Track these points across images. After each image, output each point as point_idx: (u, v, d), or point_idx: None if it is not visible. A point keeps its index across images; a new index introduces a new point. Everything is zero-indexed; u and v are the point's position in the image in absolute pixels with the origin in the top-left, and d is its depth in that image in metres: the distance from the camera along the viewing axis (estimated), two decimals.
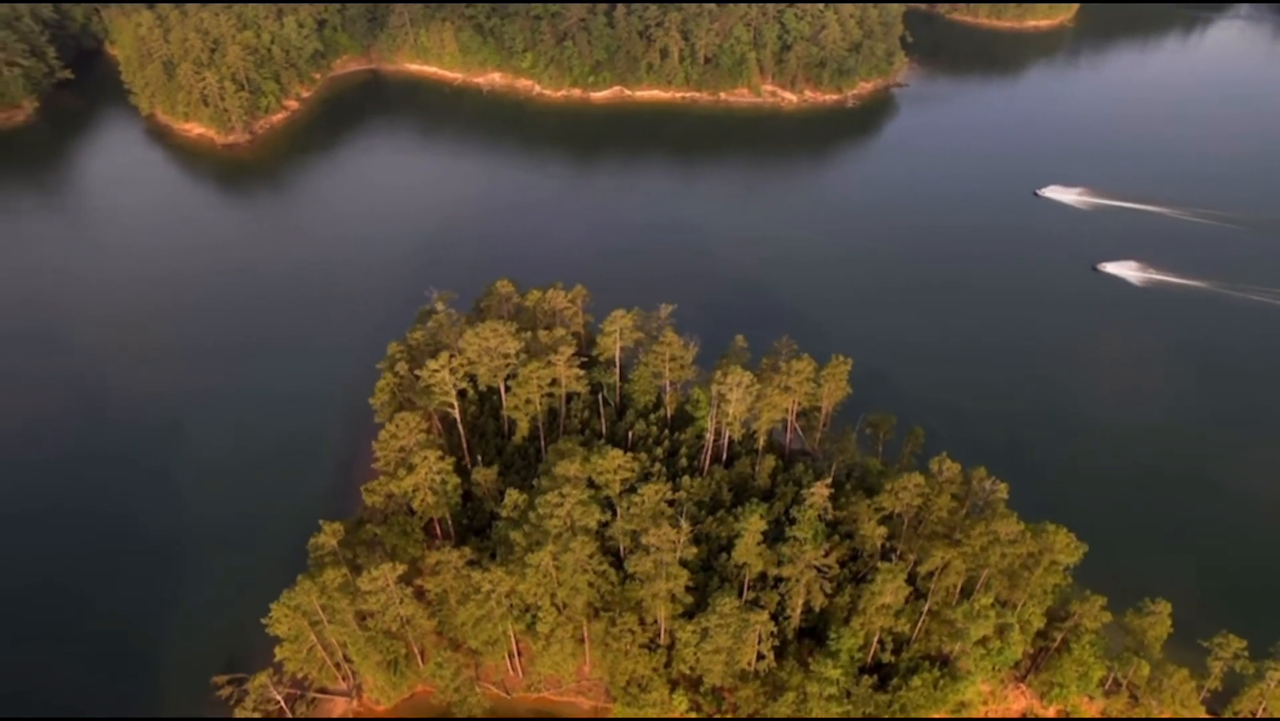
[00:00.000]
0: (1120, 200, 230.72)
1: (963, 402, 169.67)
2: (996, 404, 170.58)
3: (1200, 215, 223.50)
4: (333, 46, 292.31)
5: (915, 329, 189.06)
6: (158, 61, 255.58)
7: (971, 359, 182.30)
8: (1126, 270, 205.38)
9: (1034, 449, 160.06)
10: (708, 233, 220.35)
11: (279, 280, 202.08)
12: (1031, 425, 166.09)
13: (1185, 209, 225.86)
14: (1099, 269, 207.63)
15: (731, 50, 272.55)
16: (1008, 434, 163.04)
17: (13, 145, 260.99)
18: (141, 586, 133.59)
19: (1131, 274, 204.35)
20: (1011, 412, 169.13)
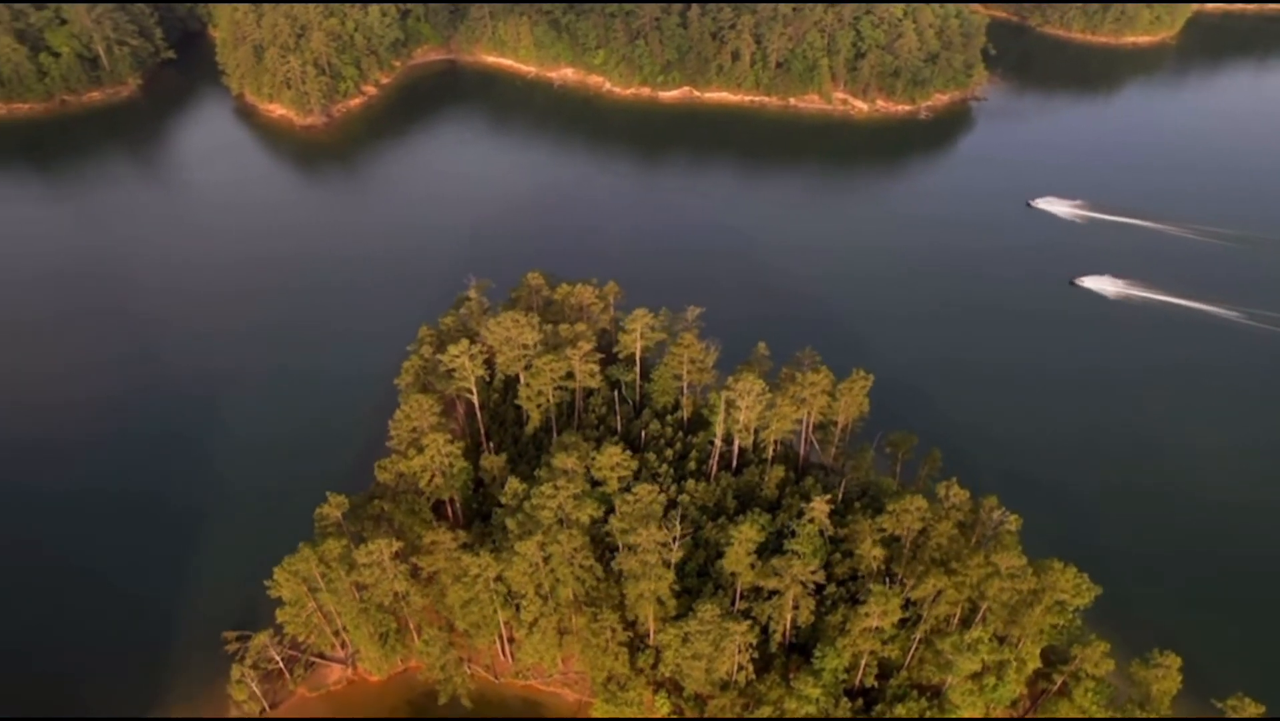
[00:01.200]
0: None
1: (1000, 427, 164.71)
2: (1036, 431, 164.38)
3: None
4: (415, 36, 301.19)
5: (960, 347, 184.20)
6: (249, 45, 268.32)
7: (1017, 383, 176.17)
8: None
9: (1072, 483, 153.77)
10: (760, 239, 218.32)
11: (336, 264, 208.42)
12: (1074, 457, 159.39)
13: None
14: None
15: (804, 56, 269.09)
16: (1045, 464, 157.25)
17: (117, 119, 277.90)
18: (171, 548, 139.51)
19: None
20: (1053, 442, 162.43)
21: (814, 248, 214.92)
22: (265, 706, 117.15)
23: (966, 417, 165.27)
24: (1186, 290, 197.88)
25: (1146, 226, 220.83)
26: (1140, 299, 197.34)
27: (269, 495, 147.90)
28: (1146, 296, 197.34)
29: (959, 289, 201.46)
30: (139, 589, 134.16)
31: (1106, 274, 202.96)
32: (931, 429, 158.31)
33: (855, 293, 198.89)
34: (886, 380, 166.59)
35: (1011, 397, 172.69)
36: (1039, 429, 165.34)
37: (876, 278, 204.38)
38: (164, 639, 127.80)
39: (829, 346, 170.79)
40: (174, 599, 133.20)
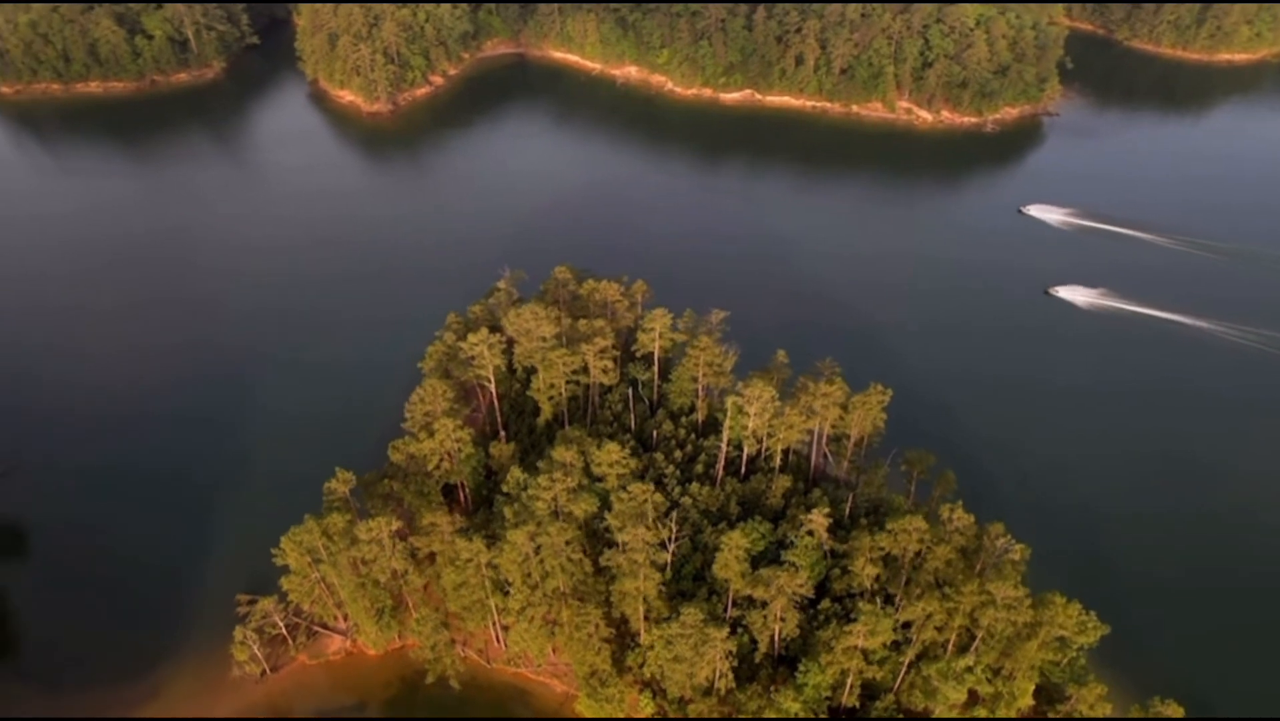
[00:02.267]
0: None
1: (1030, 450, 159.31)
2: (1067, 457, 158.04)
3: None
4: (485, 29, 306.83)
5: (999, 363, 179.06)
6: (324, 32, 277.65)
7: (1052, 404, 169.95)
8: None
9: (1099, 512, 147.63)
10: (806, 247, 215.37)
11: (386, 250, 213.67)
12: (1103, 486, 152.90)
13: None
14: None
15: (869, 63, 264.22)
16: (1073, 492, 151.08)
17: (200, 100, 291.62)
18: (197, 518, 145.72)
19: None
20: (1082, 470, 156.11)
21: (859, 258, 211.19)
22: (266, 669, 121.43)
23: (995, 437, 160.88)
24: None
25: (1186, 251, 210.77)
26: (1192, 326, 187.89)
27: (295, 471, 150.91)
28: (1196, 326, 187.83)
29: (1001, 304, 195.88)
30: (165, 554, 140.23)
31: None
32: (958, 448, 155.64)
33: (894, 305, 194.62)
34: (915, 394, 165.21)
35: (1046, 419, 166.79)
36: (1071, 454, 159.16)
37: (920, 291, 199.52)
38: (183, 601, 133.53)
39: (859, 357, 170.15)
40: (196, 564, 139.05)
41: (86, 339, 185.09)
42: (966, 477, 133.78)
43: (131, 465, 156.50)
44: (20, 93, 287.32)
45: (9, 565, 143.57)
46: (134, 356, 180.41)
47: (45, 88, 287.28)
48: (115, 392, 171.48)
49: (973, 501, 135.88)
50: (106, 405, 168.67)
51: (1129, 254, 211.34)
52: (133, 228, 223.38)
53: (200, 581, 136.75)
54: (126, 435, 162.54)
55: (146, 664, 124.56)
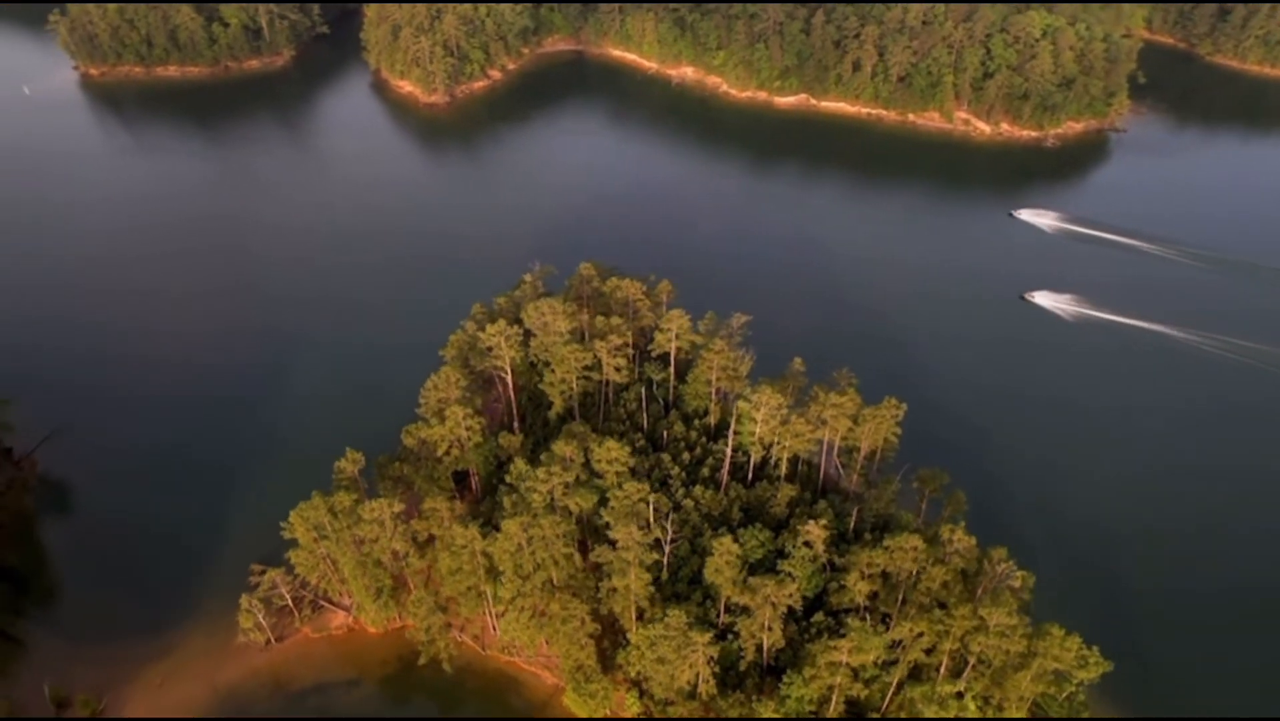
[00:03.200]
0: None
1: (1058, 475, 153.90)
2: (1101, 490, 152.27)
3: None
4: (546, 24, 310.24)
5: (1037, 388, 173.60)
6: (388, 24, 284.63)
7: (1097, 431, 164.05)
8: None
9: (1123, 543, 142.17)
10: (850, 255, 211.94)
11: (430, 238, 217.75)
12: (1131, 515, 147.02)
13: None
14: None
15: (927, 71, 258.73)
16: (1103, 529, 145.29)
17: (270, 86, 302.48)
18: (225, 488, 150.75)
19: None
20: (1110, 496, 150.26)
21: (904, 269, 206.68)
22: (271, 638, 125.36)
23: (1022, 460, 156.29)
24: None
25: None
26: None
27: (320, 449, 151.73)
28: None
29: (1044, 323, 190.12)
30: (192, 520, 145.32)
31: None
32: (982, 468, 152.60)
33: (931, 317, 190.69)
34: (942, 409, 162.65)
35: (1080, 445, 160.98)
36: (1101, 482, 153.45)
37: (960, 303, 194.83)
38: (204, 565, 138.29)
39: (887, 368, 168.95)
40: (219, 532, 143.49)
41: (139, 316, 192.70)
42: (986, 500, 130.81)
43: (168, 436, 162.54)
44: (106, 74, 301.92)
45: (53, 520, 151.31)
46: (181, 335, 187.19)
47: (128, 70, 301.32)
48: (160, 367, 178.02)
49: (988, 524, 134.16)
50: (151, 379, 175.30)
51: (1164, 271, 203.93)
52: (196, 210, 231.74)
53: (221, 548, 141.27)
54: (166, 408, 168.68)
55: (163, 623, 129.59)
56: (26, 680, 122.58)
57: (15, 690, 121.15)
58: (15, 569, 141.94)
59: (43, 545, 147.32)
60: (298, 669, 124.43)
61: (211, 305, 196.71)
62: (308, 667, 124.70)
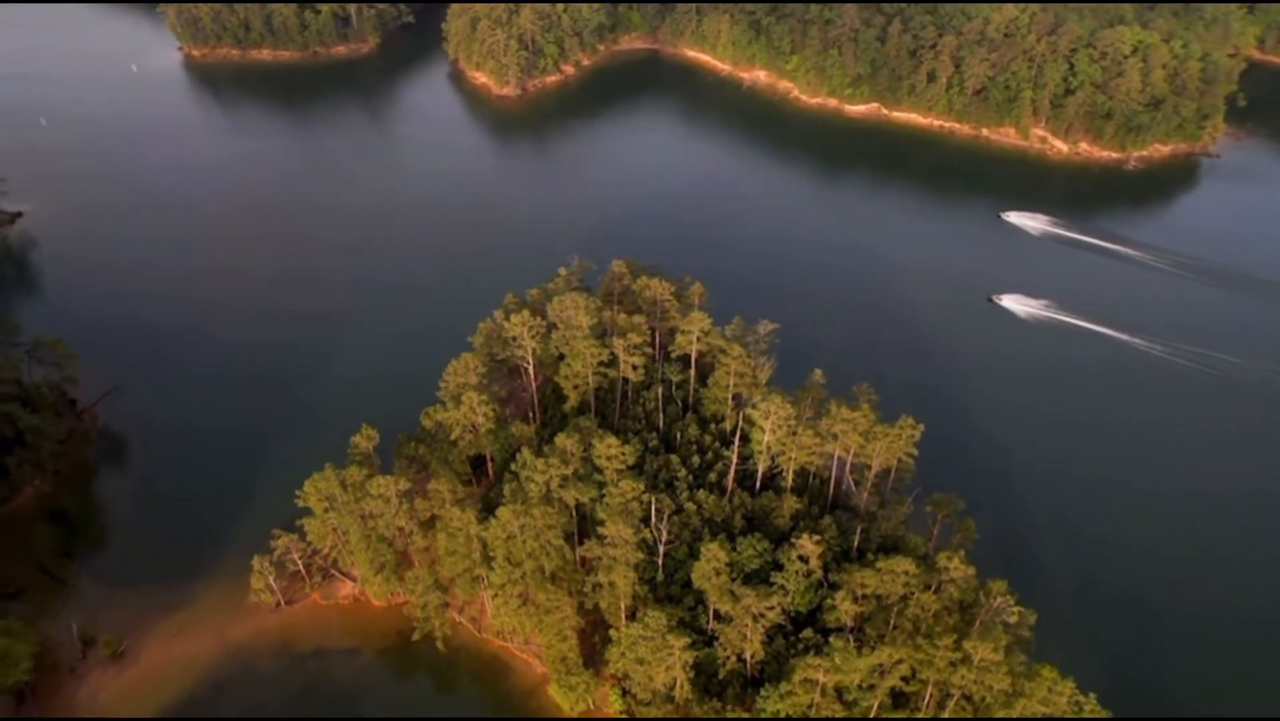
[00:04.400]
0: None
1: (1092, 516, 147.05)
2: (1134, 532, 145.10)
3: None
4: (623, 22, 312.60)
5: (1075, 413, 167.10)
6: (468, 16, 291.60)
7: (1139, 463, 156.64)
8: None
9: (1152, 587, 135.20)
10: (903, 268, 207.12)
11: (485, 228, 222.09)
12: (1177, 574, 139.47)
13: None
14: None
15: (1005, 85, 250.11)
16: (1134, 574, 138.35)
17: (354, 72, 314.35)
18: (263, 454, 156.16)
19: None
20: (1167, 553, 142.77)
21: (956, 287, 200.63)
22: (281, 601, 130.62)
23: (1052, 492, 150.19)
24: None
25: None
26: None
27: (353, 423, 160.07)
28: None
29: (1092, 353, 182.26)
30: (230, 482, 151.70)
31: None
32: (1008, 496, 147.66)
33: (978, 338, 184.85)
34: (975, 432, 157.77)
35: (1119, 479, 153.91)
36: (1133, 522, 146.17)
37: (1011, 327, 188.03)
38: (235, 525, 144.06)
39: (922, 385, 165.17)
40: (252, 495, 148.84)
41: (204, 286, 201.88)
42: (1008, 531, 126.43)
43: (216, 402, 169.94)
44: (206, 55, 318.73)
45: (108, 472, 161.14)
46: (240, 308, 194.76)
47: (226, 52, 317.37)
48: (216, 338, 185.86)
49: (1009, 556, 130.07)
50: (206, 347, 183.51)
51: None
52: (272, 188, 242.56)
53: (250, 511, 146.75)
54: (217, 376, 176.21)
55: (187, 576, 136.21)
56: (62, 618, 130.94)
57: (50, 626, 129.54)
58: (70, 514, 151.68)
59: (96, 494, 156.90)
60: (303, 632, 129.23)
61: (272, 280, 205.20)
62: (312, 632, 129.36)
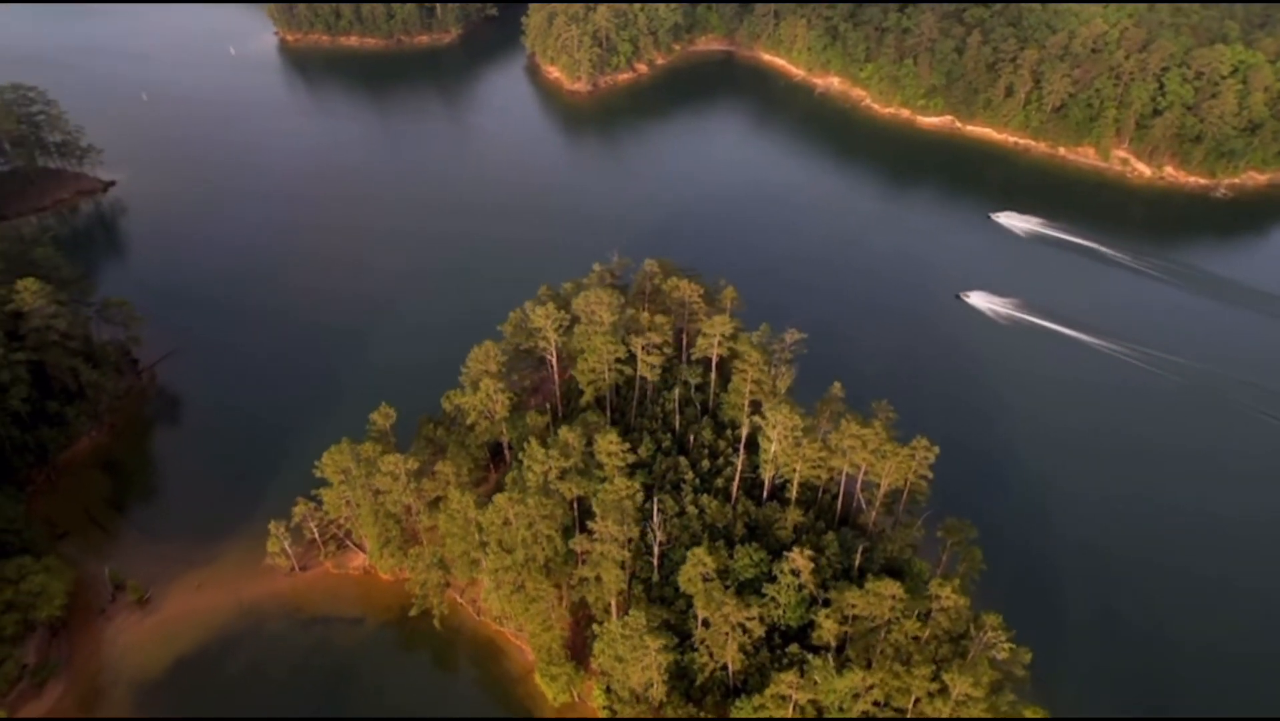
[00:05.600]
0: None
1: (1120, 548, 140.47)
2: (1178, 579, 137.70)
3: None
4: (701, 23, 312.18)
5: (1126, 441, 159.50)
6: (545, 11, 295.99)
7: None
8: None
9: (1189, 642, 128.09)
10: (963, 287, 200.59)
11: (540, 218, 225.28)
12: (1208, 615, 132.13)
13: None
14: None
15: (1087, 103, 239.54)
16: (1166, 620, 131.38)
17: (437, 61, 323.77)
18: (298, 427, 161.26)
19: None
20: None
21: (1011, 308, 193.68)
22: (296, 566, 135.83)
23: (1084, 527, 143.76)
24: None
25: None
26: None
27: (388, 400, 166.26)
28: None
29: (1160, 388, 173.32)
30: (270, 448, 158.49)
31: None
32: (1033, 526, 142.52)
33: (1018, 362, 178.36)
34: (1003, 455, 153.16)
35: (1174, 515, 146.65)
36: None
37: (1067, 356, 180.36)
38: (266, 490, 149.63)
39: (955, 406, 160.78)
40: (286, 462, 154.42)
41: (269, 265, 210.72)
42: (1029, 562, 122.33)
43: (268, 373, 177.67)
44: (299, 40, 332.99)
45: (162, 429, 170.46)
46: (297, 288, 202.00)
47: (317, 38, 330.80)
48: (273, 314, 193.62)
49: (1020, 588, 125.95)
50: (264, 322, 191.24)
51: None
52: (346, 169, 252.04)
53: (283, 477, 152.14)
54: (270, 349, 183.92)
55: (217, 534, 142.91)
56: (98, 562, 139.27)
57: (87, 569, 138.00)
58: (120, 465, 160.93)
59: (146, 449, 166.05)
60: (313, 598, 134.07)
61: (332, 262, 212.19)
62: (322, 599, 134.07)
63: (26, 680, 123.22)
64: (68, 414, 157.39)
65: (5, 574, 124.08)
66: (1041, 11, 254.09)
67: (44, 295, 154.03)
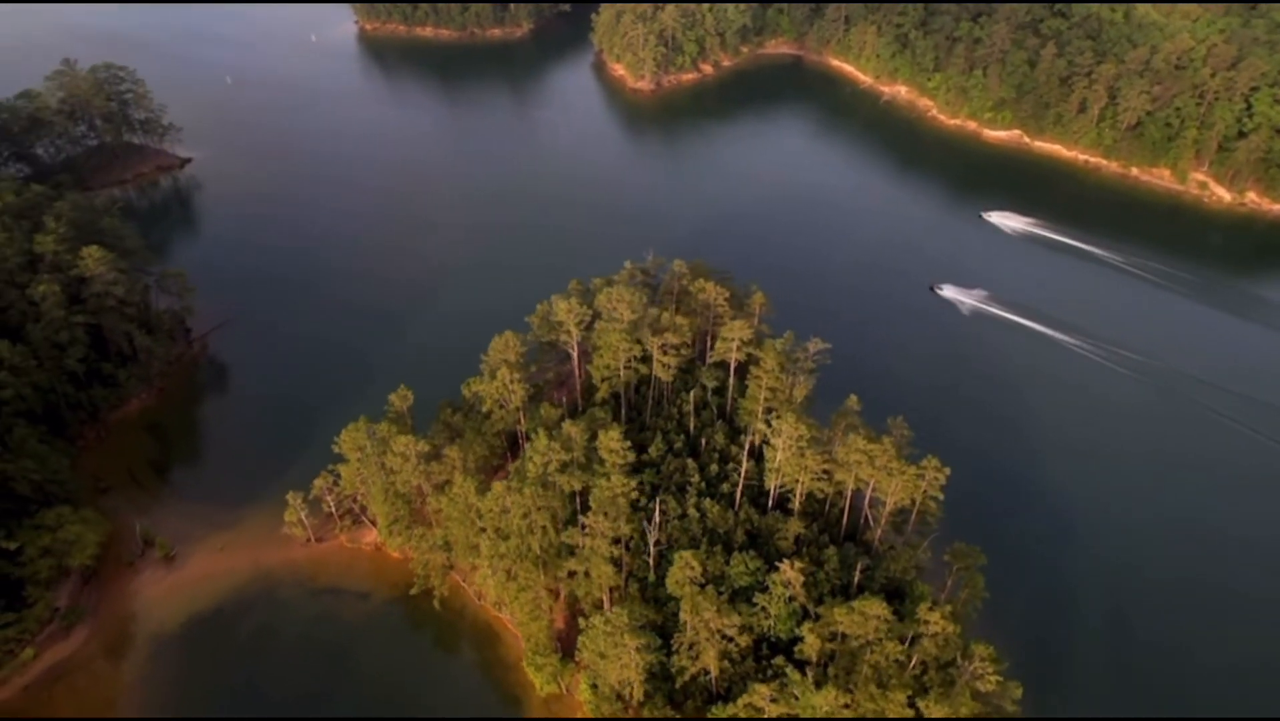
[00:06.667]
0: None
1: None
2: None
3: None
4: (770, 26, 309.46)
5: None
6: (615, 9, 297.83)
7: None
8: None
9: None
10: (1005, 309, 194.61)
11: (587, 214, 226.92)
12: None
13: None
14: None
15: (1166, 122, 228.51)
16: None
17: (508, 55, 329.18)
18: (335, 403, 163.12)
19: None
20: None
21: (1064, 343, 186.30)
22: (312, 537, 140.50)
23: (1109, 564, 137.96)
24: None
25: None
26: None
27: (416, 383, 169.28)
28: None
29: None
30: (304, 418, 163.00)
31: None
32: (1056, 559, 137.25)
33: (1056, 388, 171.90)
34: (1035, 474, 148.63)
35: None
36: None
37: (1125, 401, 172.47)
38: (296, 459, 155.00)
39: (987, 419, 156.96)
40: (319, 434, 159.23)
41: (324, 246, 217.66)
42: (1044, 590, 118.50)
43: (312, 349, 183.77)
44: (377, 29, 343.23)
45: (207, 396, 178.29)
46: (350, 272, 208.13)
47: (394, 28, 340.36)
48: (321, 295, 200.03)
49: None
50: (311, 302, 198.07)
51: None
52: (412, 156, 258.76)
53: (314, 450, 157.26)
54: (316, 328, 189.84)
55: (245, 500, 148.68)
56: (133, 518, 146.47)
57: (122, 523, 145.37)
58: (165, 427, 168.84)
59: (190, 414, 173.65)
60: (325, 569, 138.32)
61: (385, 247, 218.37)
62: (333, 571, 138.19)
63: (57, 622, 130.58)
64: (120, 376, 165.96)
65: (45, 521, 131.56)
66: (1124, 25, 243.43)
67: (106, 263, 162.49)
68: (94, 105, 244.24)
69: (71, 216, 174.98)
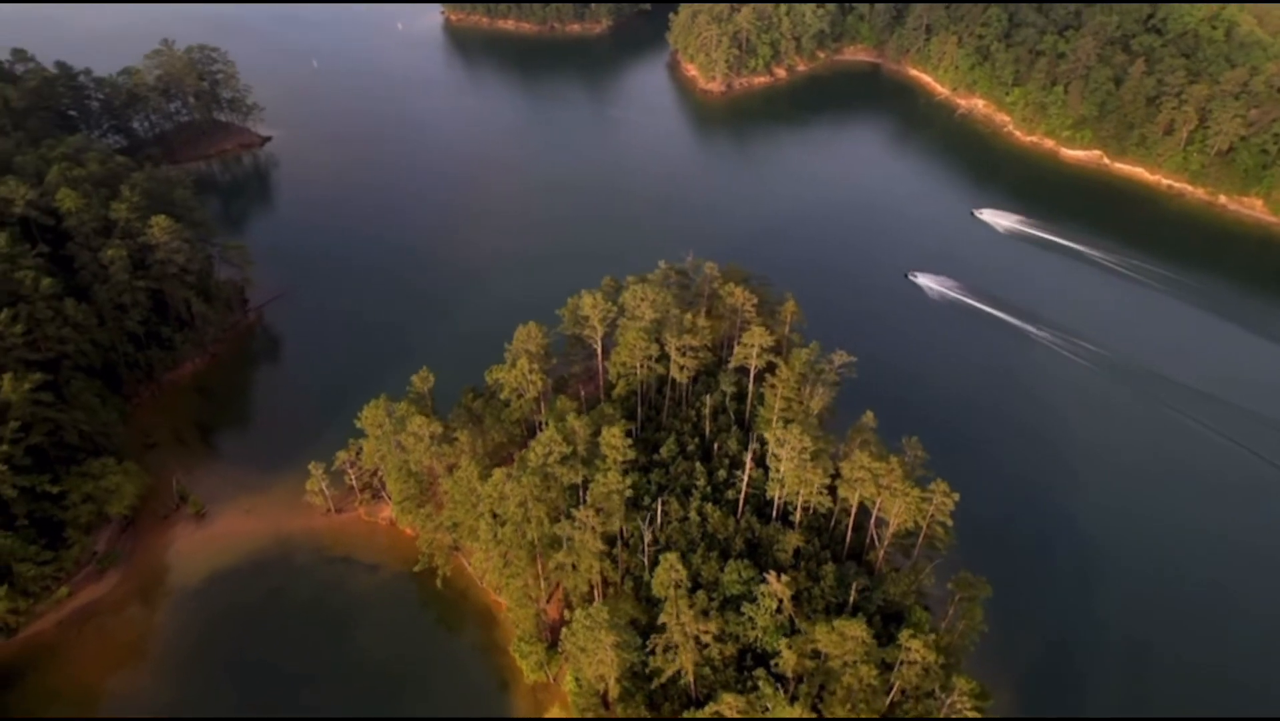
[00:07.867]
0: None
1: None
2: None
3: None
4: (850, 32, 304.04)
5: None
6: (692, 9, 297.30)
7: None
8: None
9: None
10: (1058, 339, 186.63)
11: (651, 212, 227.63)
12: None
13: None
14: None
15: (1262, 149, 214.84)
16: None
17: (585, 49, 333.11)
18: (374, 379, 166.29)
19: None
20: None
21: (1136, 377, 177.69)
22: (332, 508, 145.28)
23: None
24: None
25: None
26: None
27: (451, 367, 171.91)
28: None
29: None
30: (344, 389, 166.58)
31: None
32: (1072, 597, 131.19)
33: (1109, 430, 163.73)
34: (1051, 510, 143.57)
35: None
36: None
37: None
38: (331, 429, 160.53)
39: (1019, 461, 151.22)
40: (350, 410, 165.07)
41: (388, 228, 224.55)
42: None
43: (357, 328, 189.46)
44: (461, 20, 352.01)
45: (258, 364, 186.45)
46: (407, 254, 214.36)
47: (477, 19, 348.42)
48: (375, 276, 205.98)
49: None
50: (366, 282, 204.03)
51: None
52: (484, 145, 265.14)
53: (344, 424, 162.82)
54: (367, 308, 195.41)
55: (275, 465, 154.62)
56: (172, 474, 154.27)
57: (161, 477, 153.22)
58: (213, 391, 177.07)
59: (239, 380, 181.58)
60: (341, 540, 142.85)
61: (446, 233, 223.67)
62: (348, 542, 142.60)
63: (93, 565, 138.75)
64: (176, 340, 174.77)
65: (90, 470, 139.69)
66: (1224, 44, 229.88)
67: (171, 231, 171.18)
68: (187, 83, 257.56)
69: (146, 187, 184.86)
